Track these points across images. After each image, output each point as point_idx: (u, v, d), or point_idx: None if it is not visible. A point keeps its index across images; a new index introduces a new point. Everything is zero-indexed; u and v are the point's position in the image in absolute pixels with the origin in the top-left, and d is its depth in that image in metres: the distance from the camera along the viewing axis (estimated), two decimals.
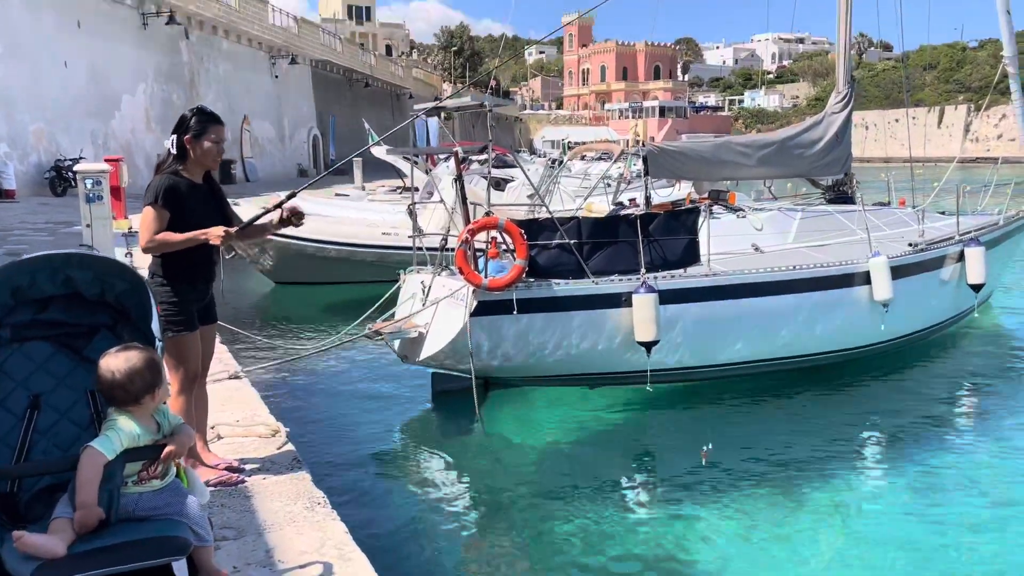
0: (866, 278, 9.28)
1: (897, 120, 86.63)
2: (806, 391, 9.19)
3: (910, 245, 10.27)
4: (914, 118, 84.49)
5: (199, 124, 4.19)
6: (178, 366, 4.11)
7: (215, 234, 4.02)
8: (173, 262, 4.14)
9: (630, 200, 11.12)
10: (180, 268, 4.14)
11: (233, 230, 4.08)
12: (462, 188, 8.32)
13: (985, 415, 8.55)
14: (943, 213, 12.56)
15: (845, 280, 9.25)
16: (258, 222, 4.31)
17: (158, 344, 2.66)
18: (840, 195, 11.89)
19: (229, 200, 4.54)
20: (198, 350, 4.22)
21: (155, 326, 2.70)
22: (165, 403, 2.66)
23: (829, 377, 9.51)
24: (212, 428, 4.86)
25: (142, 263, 4.40)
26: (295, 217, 4.21)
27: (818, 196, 12.16)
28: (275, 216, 4.23)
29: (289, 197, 4.31)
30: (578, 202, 12.61)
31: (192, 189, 4.18)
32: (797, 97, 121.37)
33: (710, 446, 7.13)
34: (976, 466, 7.12)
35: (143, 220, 4.10)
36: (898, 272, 9.48)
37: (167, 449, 2.56)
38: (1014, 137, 18.29)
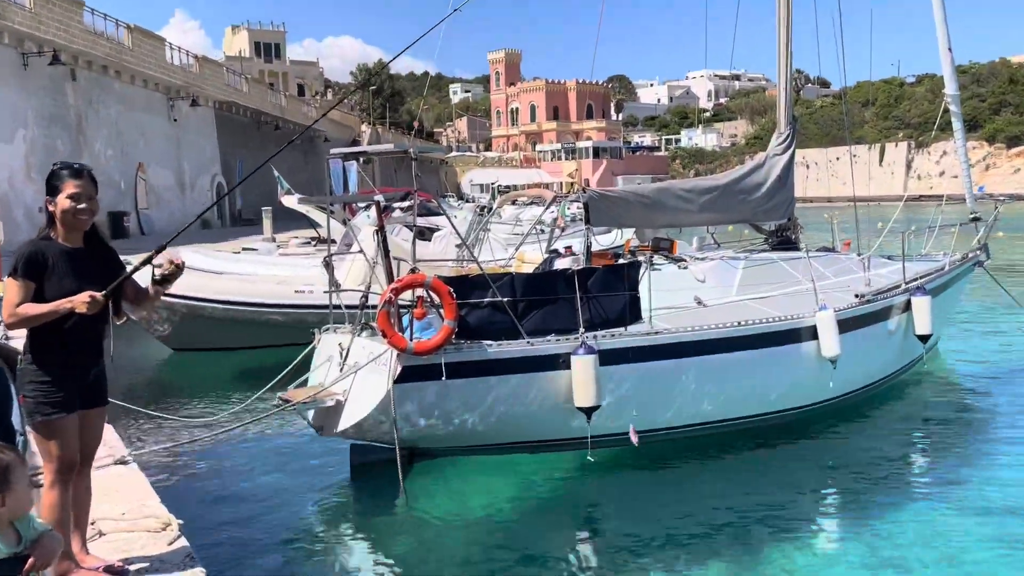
0: (813, 333, 9.55)
1: (838, 158, 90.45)
2: (754, 451, 9.38)
3: (856, 296, 10.61)
4: (856, 156, 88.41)
5: (54, 179, 3.99)
6: (51, 454, 3.82)
7: (80, 301, 3.78)
8: (42, 337, 3.91)
9: (565, 248, 11.20)
10: (50, 343, 3.92)
11: (100, 295, 3.84)
12: (384, 241, 8.29)
13: (938, 465, 8.80)
14: (889, 258, 13.04)
15: (792, 336, 9.49)
16: (142, 285, 4.09)
17: (19, 439, 2.49)
18: (784, 240, 12.21)
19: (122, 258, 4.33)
20: (74, 436, 3.92)
21: (16, 419, 2.52)
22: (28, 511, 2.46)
23: (777, 435, 9.72)
24: (93, 524, 4.57)
25: (17, 332, 4.16)
26: (173, 269, 4.04)
27: (761, 242, 12.47)
28: (155, 271, 4.04)
29: (158, 251, 4.12)
30: (509, 251, 12.82)
31: (65, 255, 3.97)
32: (736, 136, 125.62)
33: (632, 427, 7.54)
34: (934, 520, 7.28)
35: (5, 293, 3.89)
36: (845, 325, 9.78)
37: (28, 562, 2.39)
38: (956, 174, 19.13)
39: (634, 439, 8.16)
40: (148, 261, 4.06)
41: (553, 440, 8.56)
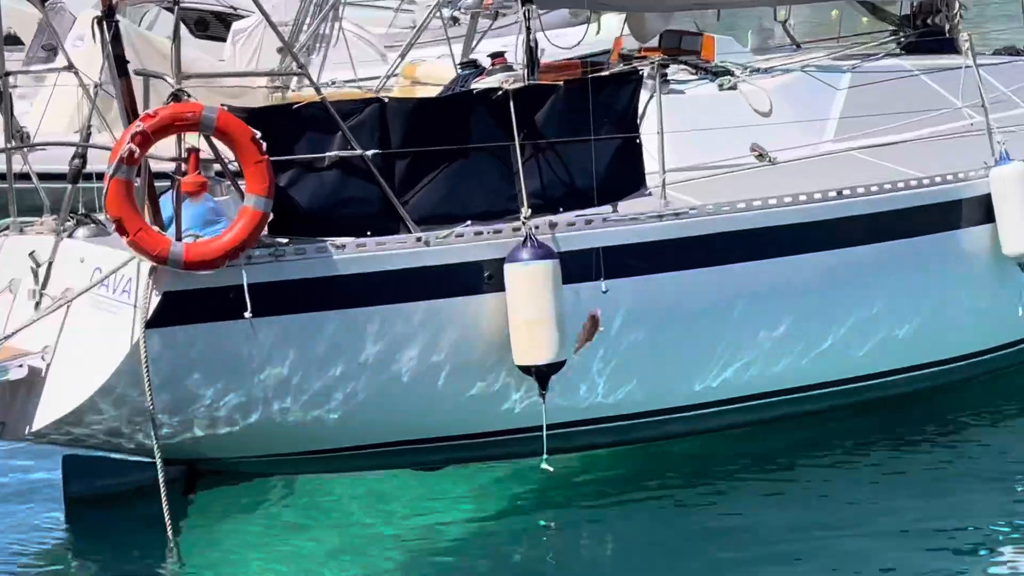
0: (985, 210, 9.58)
1: None
2: (868, 447, 9.45)
3: None
4: None
5: None
6: None
7: None
8: None
9: (493, 57, 10.68)
10: None
11: None
12: (116, 37, 7.81)
13: None
14: None
15: (940, 217, 9.53)
16: None
17: None
18: (929, 36, 11.97)
19: None
20: None
21: None
22: None
23: (915, 416, 9.96)
24: None
25: None
26: None
27: (885, 39, 12.30)
28: None
29: None
30: (388, 60, 12.57)
31: None
32: None
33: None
34: None
35: None
36: None
37: None
38: None
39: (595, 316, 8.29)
40: None
41: (472, 435, 8.53)
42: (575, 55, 11.14)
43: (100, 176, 7.58)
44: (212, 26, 15.50)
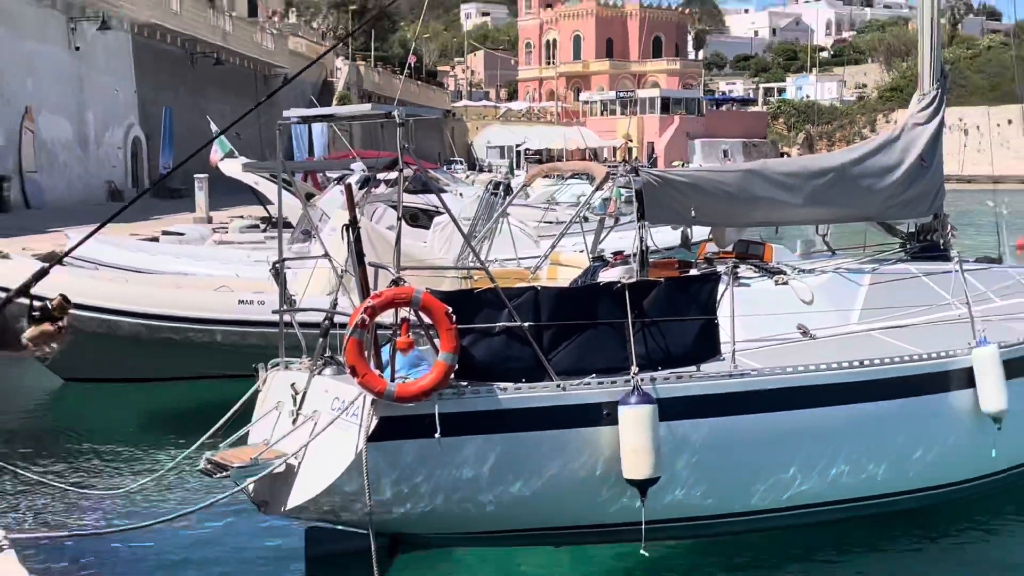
0: (968, 379, 9.50)
1: (1010, 121, 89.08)
2: (879, 551, 9.36)
3: None
4: None
5: None
6: None
7: None
8: None
9: (614, 254, 11.27)
10: None
11: None
12: (358, 240, 8.32)
13: None
14: None
15: (937, 382, 9.48)
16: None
17: None
18: (928, 246, 12.00)
19: None
20: None
21: None
22: None
23: (914, 526, 9.72)
24: None
25: None
26: (58, 311, 3.99)
27: (895, 250, 12.27)
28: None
29: (41, 275, 4.01)
30: (541, 246, 12.82)
31: None
32: (864, 87, 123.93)
33: None
34: None
35: None
36: (1016, 368, 9.67)
37: None
38: None
39: None
40: (24, 291, 3.97)
41: (592, 526, 8.63)
42: (671, 251, 11.36)
43: (342, 326, 7.98)
44: (420, 219, 15.92)
